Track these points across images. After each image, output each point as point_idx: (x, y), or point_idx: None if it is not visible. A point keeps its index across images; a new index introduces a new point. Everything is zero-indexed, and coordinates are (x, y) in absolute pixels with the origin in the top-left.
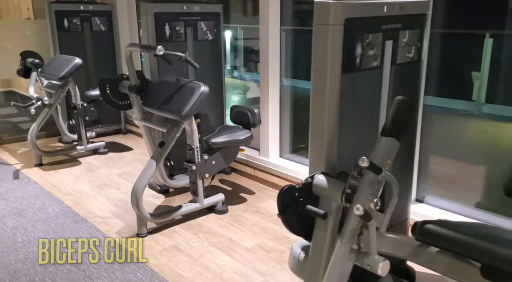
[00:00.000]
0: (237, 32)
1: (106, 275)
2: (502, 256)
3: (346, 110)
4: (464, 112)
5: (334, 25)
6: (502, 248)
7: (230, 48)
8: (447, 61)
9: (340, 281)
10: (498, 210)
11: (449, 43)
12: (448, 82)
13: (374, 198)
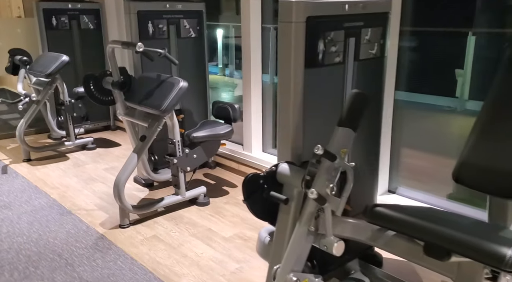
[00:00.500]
0: (228, 31)
1: (87, 263)
2: (441, 235)
3: (311, 103)
4: (448, 109)
5: (296, 23)
6: (442, 227)
7: (222, 47)
8: (431, 59)
9: (299, 261)
10: (468, 200)
11: (434, 42)
12: (432, 79)
13: (330, 184)
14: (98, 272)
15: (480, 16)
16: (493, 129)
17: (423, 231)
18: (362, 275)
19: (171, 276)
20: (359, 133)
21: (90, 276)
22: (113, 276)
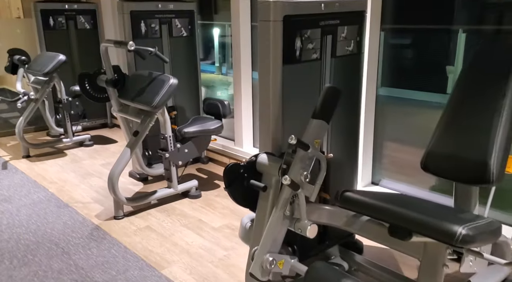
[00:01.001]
0: (225, 30)
1: (83, 251)
2: (403, 216)
3: (290, 97)
4: (437, 105)
5: (274, 22)
6: (404, 210)
7: (219, 45)
8: (423, 56)
9: (275, 243)
10: (449, 191)
11: (426, 39)
12: (423, 76)
13: (305, 171)
14: (93, 260)
15: (465, 13)
16: (455, 122)
17: (387, 214)
18: (341, 260)
19: (162, 263)
20: (338, 127)
21: (85, 264)
22: (107, 264)
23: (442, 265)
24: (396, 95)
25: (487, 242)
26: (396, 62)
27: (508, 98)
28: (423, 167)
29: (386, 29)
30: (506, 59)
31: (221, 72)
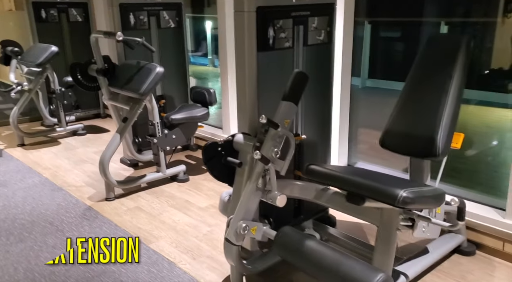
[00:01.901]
0: (217, 23)
1: (76, 229)
2: (357, 184)
3: (265, 82)
4: None
5: (248, 12)
6: (359, 179)
7: (211, 38)
8: (408, 48)
9: (248, 212)
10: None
11: (411, 31)
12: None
13: (275, 148)
14: (85, 236)
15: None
16: (409, 103)
17: (344, 182)
18: (313, 231)
19: (150, 238)
20: (311, 111)
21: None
22: None
23: (396, 229)
24: (384, 86)
25: (428, 206)
26: (384, 54)
27: (454, 81)
28: (381, 144)
29: (373, 22)
30: (452, 47)
31: (213, 64)
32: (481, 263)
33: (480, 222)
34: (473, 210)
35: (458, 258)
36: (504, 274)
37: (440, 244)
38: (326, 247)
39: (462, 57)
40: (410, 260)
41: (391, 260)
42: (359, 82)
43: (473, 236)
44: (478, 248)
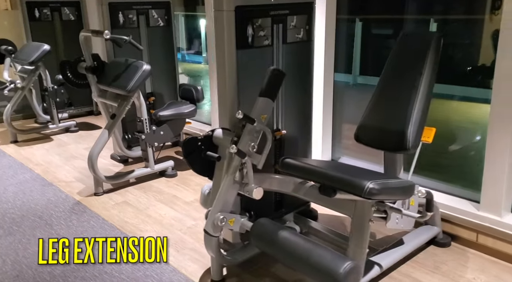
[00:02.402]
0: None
1: (64, 223)
2: (329, 177)
3: (245, 79)
4: None
5: (227, 11)
6: (331, 172)
7: (205, 36)
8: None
9: (226, 204)
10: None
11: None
12: None
13: (252, 143)
14: (73, 229)
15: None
16: (382, 99)
17: (317, 175)
18: (294, 224)
19: (135, 231)
20: (292, 107)
21: (65, 232)
22: (86, 232)
23: (368, 221)
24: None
25: (396, 197)
26: (375, 51)
27: (423, 78)
28: (356, 139)
29: (363, 20)
30: (423, 45)
31: (207, 62)
32: (455, 254)
33: (456, 214)
34: (449, 203)
35: (433, 249)
36: (477, 264)
37: (415, 236)
38: (299, 238)
39: (432, 55)
40: (385, 251)
41: (364, 250)
42: (351, 79)
43: (449, 228)
44: (454, 240)
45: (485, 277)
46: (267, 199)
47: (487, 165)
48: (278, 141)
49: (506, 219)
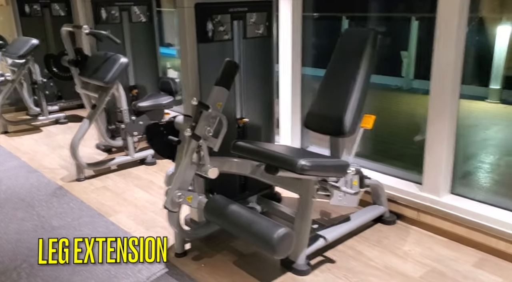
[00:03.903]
0: None
1: (45, 205)
2: (272, 157)
3: (207, 70)
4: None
5: (188, 8)
6: (275, 152)
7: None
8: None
9: (184, 183)
10: (369, 156)
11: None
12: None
13: (208, 127)
14: (53, 211)
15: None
16: (326, 89)
17: (261, 155)
18: (255, 204)
19: (110, 212)
20: (254, 97)
21: (46, 213)
22: (65, 213)
23: (311, 197)
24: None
25: (329, 174)
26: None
27: (361, 70)
28: (305, 125)
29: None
30: (361, 40)
31: None
32: (398, 231)
33: (401, 195)
34: (396, 185)
35: (380, 227)
36: (414, 238)
37: (361, 214)
38: (244, 210)
39: (368, 49)
40: (332, 226)
41: (308, 223)
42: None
43: (395, 208)
44: (399, 218)
45: (419, 249)
46: (232, 182)
47: (427, 150)
48: (241, 128)
49: (444, 199)
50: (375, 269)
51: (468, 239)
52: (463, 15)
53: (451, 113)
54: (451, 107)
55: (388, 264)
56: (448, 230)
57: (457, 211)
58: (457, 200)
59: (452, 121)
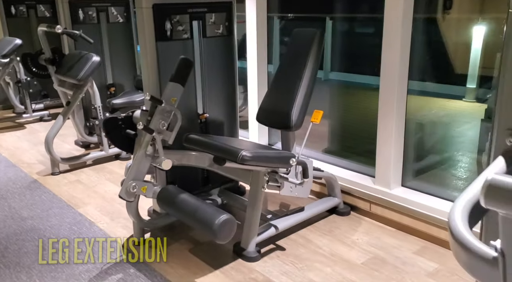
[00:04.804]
0: None
1: (18, 197)
2: (220, 149)
3: (166, 67)
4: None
5: (146, 8)
6: (223, 145)
7: None
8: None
9: (139, 173)
10: (336, 153)
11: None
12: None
13: (163, 121)
14: (24, 202)
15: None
16: (275, 85)
17: (210, 147)
18: (217, 196)
19: (79, 204)
20: (217, 93)
21: (17, 205)
22: (35, 204)
23: (261, 187)
24: (345, 79)
25: (272, 165)
26: (345, 49)
27: (307, 68)
28: (257, 119)
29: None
30: (307, 40)
31: None
32: (351, 221)
33: (355, 187)
34: (351, 178)
35: (334, 218)
36: (365, 229)
37: (315, 205)
38: (192, 198)
39: (314, 49)
40: (285, 216)
41: (258, 212)
42: (322, 75)
43: (350, 200)
44: (353, 210)
45: (367, 238)
46: (195, 175)
47: (378, 145)
48: (203, 123)
49: (394, 191)
50: (321, 256)
51: (413, 228)
52: (408, 16)
53: (399, 109)
54: (399, 103)
55: (334, 252)
56: (397, 221)
57: (405, 202)
58: (406, 192)
59: (400, 117)
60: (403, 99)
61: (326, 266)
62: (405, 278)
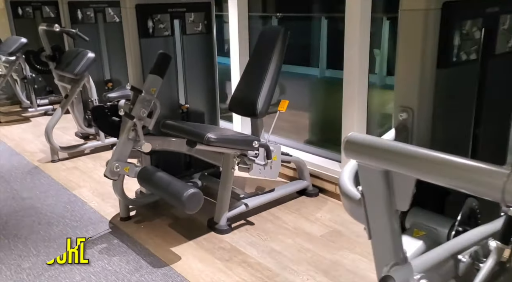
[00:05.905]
0: None
1: (19, 181)
2: (191, 133)
3: (149, 62)
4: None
5: (129, 8)
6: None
7: None
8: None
9: (122, 155)
10: (316, 143)
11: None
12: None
13: (143, 109)
14: (25, 185)
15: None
16: (245, 77)
17: (183, 131)
18: (198, 180)
19: (75, 186)
20: (197, 86)
21: (19, 187)
22: (35, 187)
23: (231, 169)
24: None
25: (236, 146)
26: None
27: (272, 61)
28: (229, 109)
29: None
30: (273, 36)
31: None
32: (318, 202)
33: (323, 171)
34: (320, 163)
35: (303, 199)
36: (329, 207)
37: (285, 187)
38: (166, 176)
39: (279, 45)
40: (256, 195)
41: (228, 191)
42: (318, 72)
43: (318, 183)
44: (321, 192)
45: (330, 215)
46: (178, 160)
47: (343, 132)
48: (185, 113)
49: None
50: (285, 230)
51: None
52: (365, 16)
53: (360, 100)
54: (360, 94)
55: (298, 226)
56: None
57: None
58: None
59: (362, 106)
60: (364, 91)
61: (288, 238)
62: (356, 248)
